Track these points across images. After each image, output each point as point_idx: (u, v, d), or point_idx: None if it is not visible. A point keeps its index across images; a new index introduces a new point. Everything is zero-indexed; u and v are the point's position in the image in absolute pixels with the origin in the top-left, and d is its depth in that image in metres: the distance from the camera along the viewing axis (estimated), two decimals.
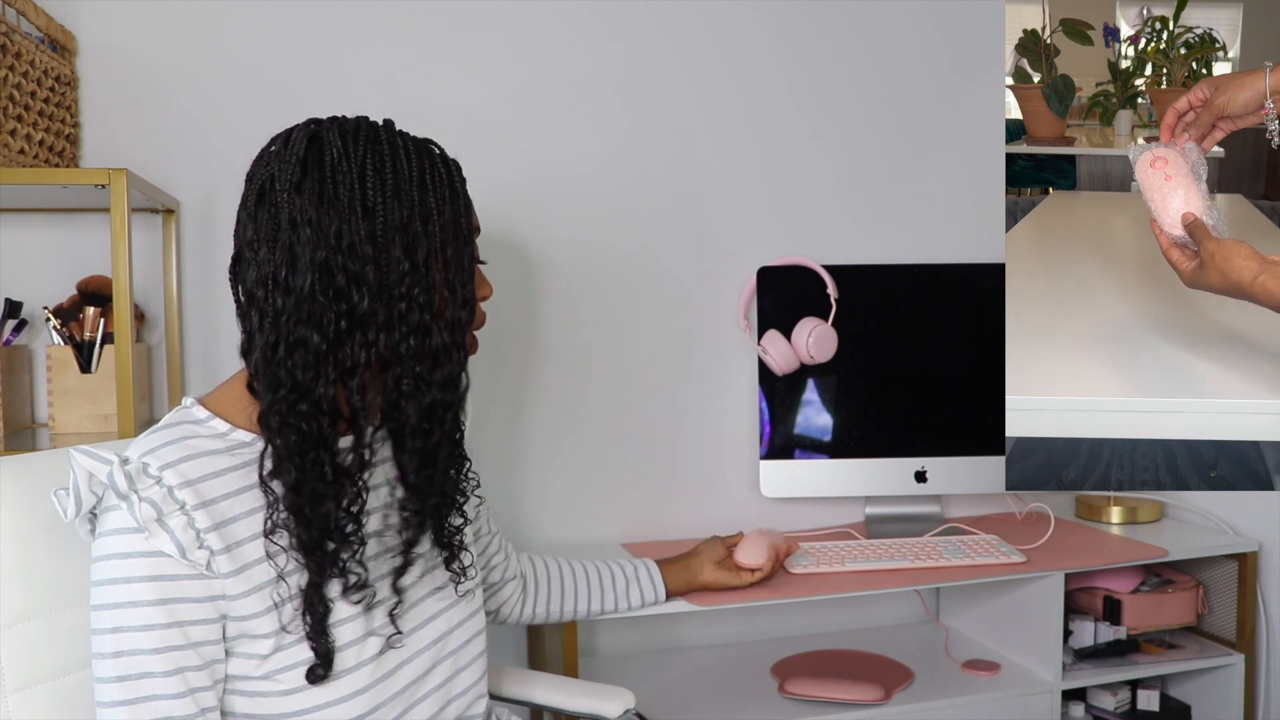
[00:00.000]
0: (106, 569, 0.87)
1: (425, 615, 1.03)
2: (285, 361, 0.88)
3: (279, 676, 0.92)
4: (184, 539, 0.86)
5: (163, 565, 0.86)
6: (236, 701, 0.93)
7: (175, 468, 0.88)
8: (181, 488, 0.87)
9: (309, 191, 0.89)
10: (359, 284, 0.89)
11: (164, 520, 0.86)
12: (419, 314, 0.92)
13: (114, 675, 0.86)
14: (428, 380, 0.93)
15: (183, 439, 0.90)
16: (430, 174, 0.94)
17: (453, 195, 0.95)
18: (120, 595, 0.86)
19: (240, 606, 0.89)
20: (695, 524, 1.87)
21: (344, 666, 0.93)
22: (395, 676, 0.98)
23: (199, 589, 0.88)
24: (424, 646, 1.02)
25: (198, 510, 0.87)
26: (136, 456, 0.88)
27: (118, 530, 0.87)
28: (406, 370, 0.92)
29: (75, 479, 0.87)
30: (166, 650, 0.86)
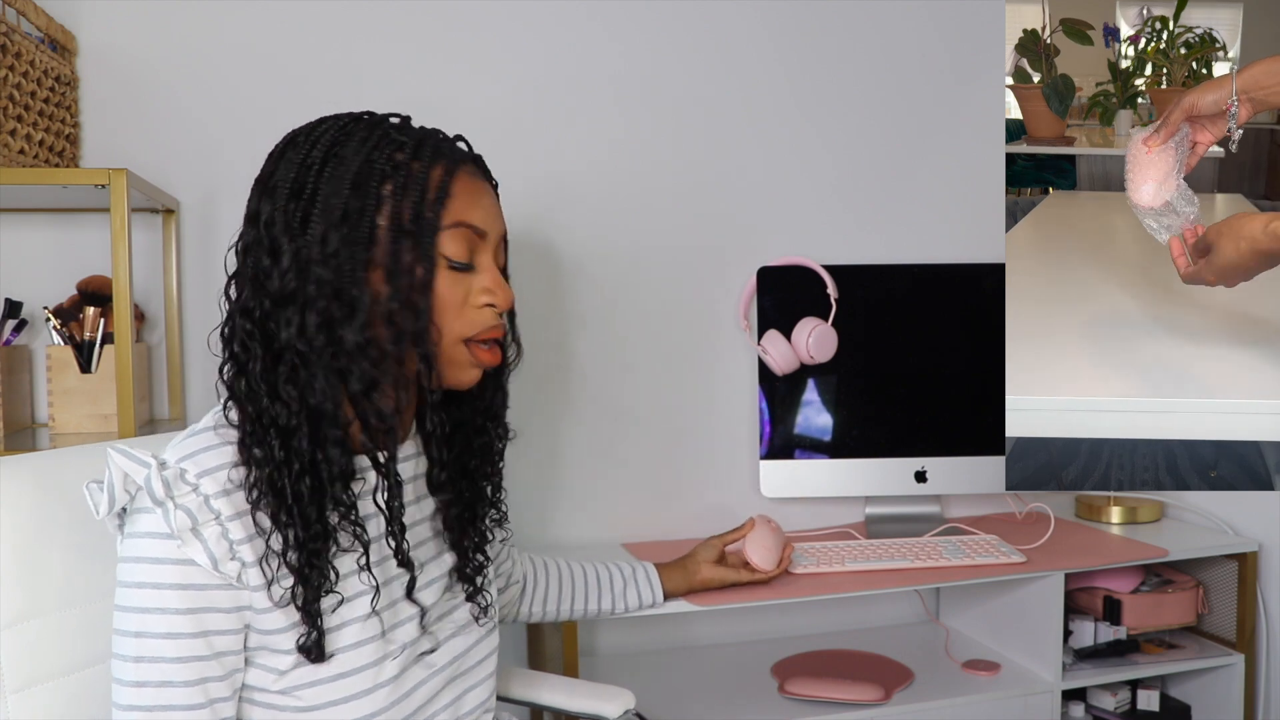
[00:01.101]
0: (136, 572, 0.86)
1: (442, 636, 1.03)
2: (230, 341, 0.91)
3: (297, 693, 0.91)
4: (217, 550, 0.85)
5: (193, 574, 0.85)
6: (253, 711, 0.92)
7: (213, 475, 0.87)
8: (218, 497, 0.86)
9: (260, 183, 0.92)
10: (277, 259, 0.88)
11: (198, 530, 0.85)
12: (326, 301, 0.88)
13: (133, 680, 0.85)
14: (344, 374, 0.89)
15: (222, 444, 0.89)
16: (390, 163, 0.90)
17: (415, 187, 0.90)
18: (148, 600, 0.85)
19: (266, 620, 0.89)
20: (695, 524, 1.87)
21: (363, 688, 0.93)
22: (411, 697, 0.98)
23: (227, 599, 0.87)
24: (440, 668, 1.02)
25: (233, 521, 0.86)
26: (174, 461, 0.87)
27: (150, 534, 0.85)
28: (319, 361, 0.89)
29: (110, 478, 0.86)
30: (190, 660, 0.86)
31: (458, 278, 0.93)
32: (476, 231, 0.94)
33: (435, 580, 1.03)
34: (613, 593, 1.40)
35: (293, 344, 0.88)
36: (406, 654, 0.97)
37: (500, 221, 0.98)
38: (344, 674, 0.92)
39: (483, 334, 0.95)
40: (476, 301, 0.94)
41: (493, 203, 0.98)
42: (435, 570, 1.03)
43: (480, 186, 0.96)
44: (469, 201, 0.94)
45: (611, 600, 1.40)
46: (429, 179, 0.91)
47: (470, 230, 0.93)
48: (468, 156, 0.97)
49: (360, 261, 0.89)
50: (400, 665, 0.96)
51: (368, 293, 0.89)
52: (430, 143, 0.94)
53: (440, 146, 0.94)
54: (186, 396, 1.67)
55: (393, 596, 0.97)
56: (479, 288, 0.94)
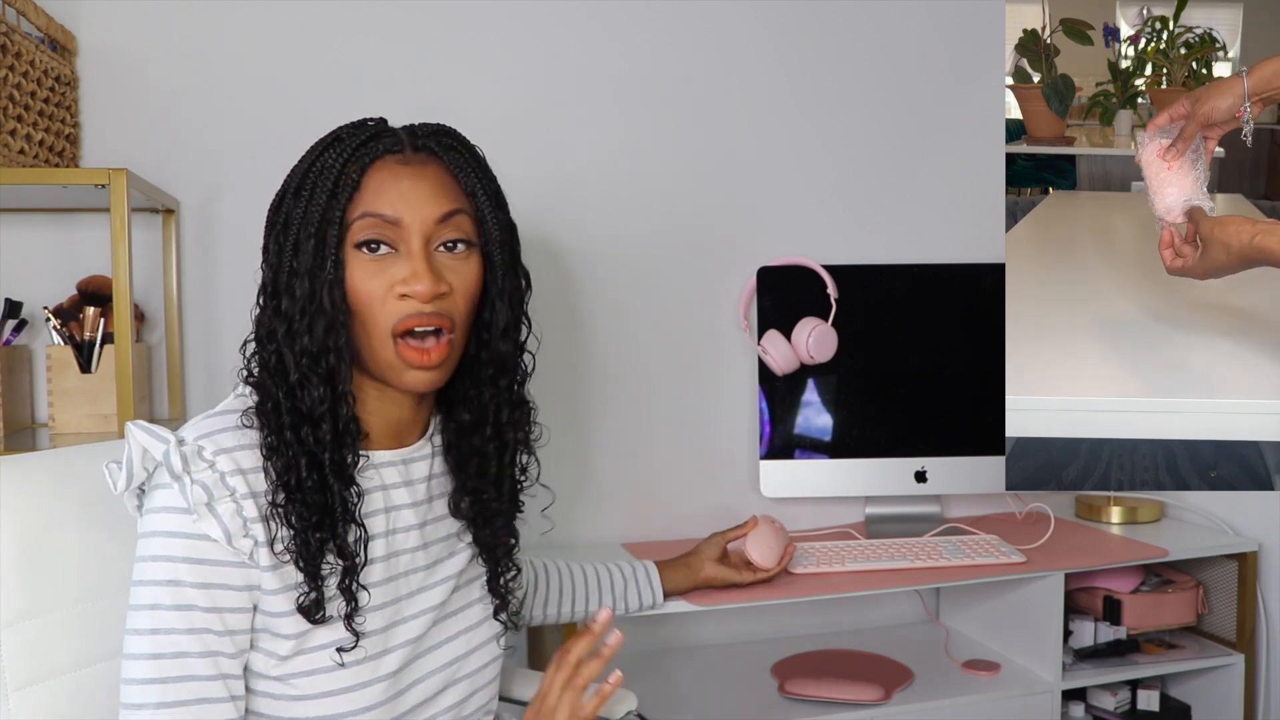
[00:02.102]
0: (151, 545, 0.87)
1: (444, 635, 1.03)
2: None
3: (294, 681, 0.91)
4: (231, 526, 0.87)
5: (206, 549, 0.86)
6: (250, 698, 0.92)
7: (230, 454, 0.88)
8: (234, 475, 0.87)
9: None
10: (265, 253, 0.95)
11: (213, 505, 0.86)
12: (271, 310, 0.92)
13: (148, 652, 0.86)
14: (303, 379, 0.91)
15: (240, 426, 0.90)
16: (318, 166, 0.91)
17: (325, 185, 0.90)
18: (162, 573, 0.86)
19: (271, 602, 0.89)
20: (695, 524, 1.86)
21: (359, 680, 0.93)
22: (409, 694, 0.98)
23: (238, 577, 0.88)
24: (438, 667, 1.01)
25: (246, 500, 0.88)
26: (193, 438, 0.88)
27: (166, 509, 0.87)
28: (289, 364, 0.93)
29: (130, 453, 0.87)
30: (202, 632, 0.86)
31: (375, 269, 0.91)
32: (386, 219, 0.90)
33: (445, 579, 1.03)
34: (613, 594, 1.40)
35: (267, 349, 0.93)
36: (408, 650, 0.97)
37: (431, 206, 0.92)
38: (342, 665, 0.92)
39: (400, 325, 0.91)
40: (395, 291, 0.91)
41: (417, 187, 0.92)
42: (445, 570, 1.04)
43: (402, 173, 0.92)
44: (379, 192, 0.91)
45: (613, 601, 1.40)
46: (341, 175, 0.91)
47: (378, 219, 0.90)
48: (399, 146, 0.93)
49: (287, 268, 0.91)
50: (400, 660, 0.96)
51: (295, 298, 0.90)
52: (354, 140, 0.92)
53: (367, 142, 0.92)
54: (186, 396, 1.67)
55: (398, 592, 0.98)
56: (398, 277, 0.91)
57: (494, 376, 1.02)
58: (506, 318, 1.00)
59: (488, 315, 0.99)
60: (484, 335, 1.00)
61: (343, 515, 0.91)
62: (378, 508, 0.97)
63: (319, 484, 0.90)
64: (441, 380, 0.95)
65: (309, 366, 0.90)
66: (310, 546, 0.89)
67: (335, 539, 0.90)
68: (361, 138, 0.93)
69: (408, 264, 0.91)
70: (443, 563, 1.03)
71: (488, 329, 0.99)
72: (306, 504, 0.89)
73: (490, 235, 0.97)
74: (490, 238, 0.97)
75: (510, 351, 1.02)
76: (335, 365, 0.91)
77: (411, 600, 0.99)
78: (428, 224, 0.92)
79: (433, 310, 0.91)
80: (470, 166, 0.96)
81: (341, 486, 0.91)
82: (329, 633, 0.92)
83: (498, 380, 1.02)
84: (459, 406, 1.03)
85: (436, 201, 0.92)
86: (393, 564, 0.98)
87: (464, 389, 1.02)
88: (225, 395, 0.97)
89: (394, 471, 1.00)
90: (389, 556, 0.98)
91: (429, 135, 0.96)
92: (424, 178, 0.93)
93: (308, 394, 0.90)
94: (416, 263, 0.91)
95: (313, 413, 0.90)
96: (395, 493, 0.99)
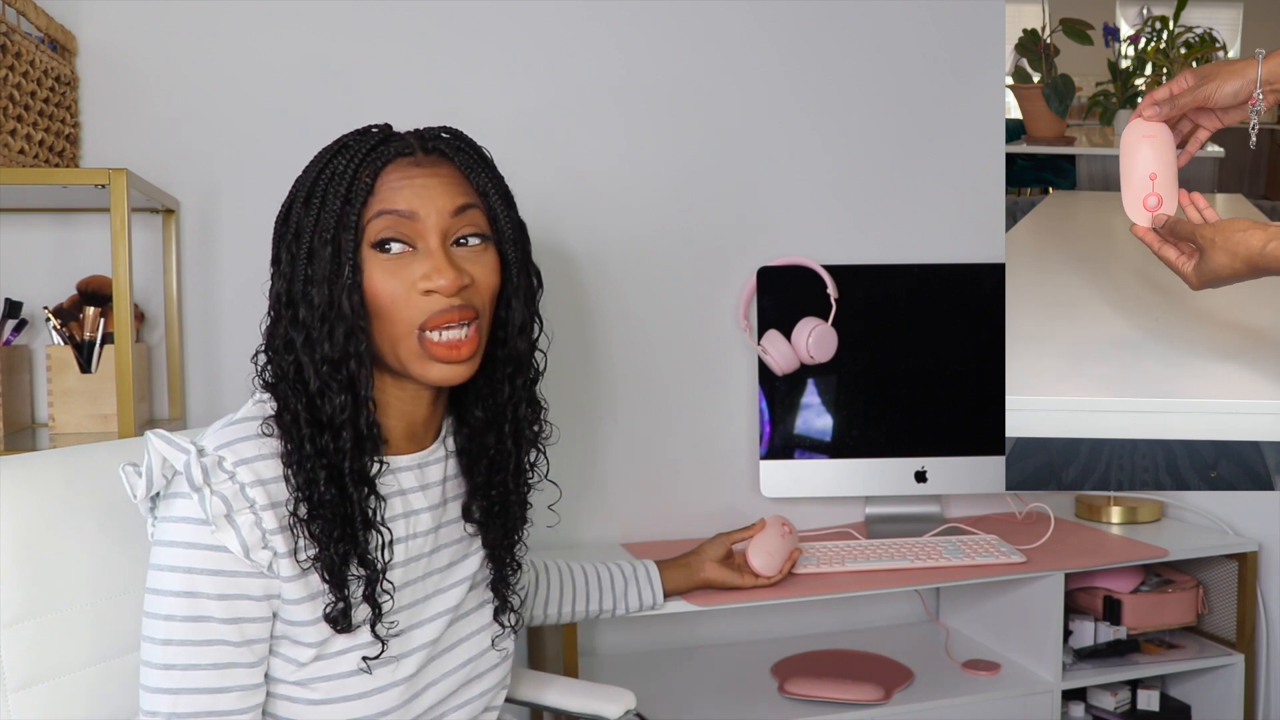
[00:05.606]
0: (169, 556, 0.87)
1: (458, 636, 1.03)
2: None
3: (314, 685, 0.92)
4: (249, 538, 0.86)
5: (225, 561, 0.86)
6: (269, 701, 0.93)
7: (250, 465, 0.88)
8: (254, 486, 0.87)
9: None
10: (276, 264, 0.94)
11: (232, 517, 0.86)
12: (286, 318, 0.91)
13: (161, 662, 0.86)
14: (324, 386, 0.91)
15: (260, 436, 0.90)
16: (328, 173, 0.91)
17: (338, 190, 0.90)
18: (178, 584, 0.86)
19: (293, 611, 0.89)
20: (695, 524, 1.87)
21: (378, 684, 0.94)
22: (424, 696, 0.99)
23: (258, 587, 0.88)
24: (454, 668, 1.02)
25: (266, 511, 0.87)
26: (213, 448, 0.88)
27: (185, 519, 0.86)
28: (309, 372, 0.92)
29: (150, 462, 0.87)
30: (217, 644, 0.87)
31: (393, 269, 0.91)
32: (402, 215, 0.90)
33: (460, 581, 1.03)
34: (614, 593, 1.40)
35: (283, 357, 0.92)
36: (425, 653, 0.98)
37: (446, 200, 0.92)
38: (360, 669, 0.92)
39: (431, 322, 0.91)
40: (418, 288, 0.91)
41: (430, 184, 0.92)
42: (460, 572, 1.04)
43: (415, 172, 0.92)
44: (394, 191, 0.91)
45: (613, 601, 1.40)
46: (354, 180, 0.90)
47: (394, 216, 0.90)
48: (409, 148, 0.93)
49: (302, 277, 0.90)
50: (418, 663, 0.97)
51: (314, 305, 0.90)
52: (363, 145, 0.92)
53: (378, 146, 0.92)
54: (186, 396, 1.67)
55: (416, 596, 0.99)
56: (419, 274, 0.91)
57: (512, 375, 1.02)
58: (522, 315, 1.00)
59: (504, 313, 0.99)
60: (500, 334, 1.00)
61: (363, 524, 0.91)
62: (397, 513, 0.98)
63: (339, 495, 0.90)
64: (471, 372, 0.95)
65: (329, 374, 0.90)
66: (334, 560, 0.89)
67: (357, 548, 0.91)
68: (371, 143, 0.93)
69: (427, 260, 0.91)
70: (457, 565, 1.04)
71: (504, 327, 0.99)
72: (328, 518, 0.89)
73: (503, 233, 0.97)
74: (504, 235, 0.97)
75: (526, 350, 1.02)
76: (356, 371, 0.91)
77: (428, 603, 1.00)
78: (444, 216, 0.92)
79: (460, 303, 0.92)
80: (480, 166, 0.97)
81: (362, 495, 0.91)
82: (349, 638, 0.92)
83: (515, 379, 1.02)
84: (474, 406, 1.03)
85: (451, 196, 0.93)
86: (411, 568, 0.98)
87: (479, 387, 1.02)
88: (225, 396, 0.98)
89: (411, 476, 1.00)
90: (408, 561, 0.98)
91: (438, 137, 0.96)
92: (437, 175, 0.93)
93: (328, 402, 0.90)
94: (437, 258, 0.91)
95: (333, 421, 0.90)
96: (413, 497, 1.00)
